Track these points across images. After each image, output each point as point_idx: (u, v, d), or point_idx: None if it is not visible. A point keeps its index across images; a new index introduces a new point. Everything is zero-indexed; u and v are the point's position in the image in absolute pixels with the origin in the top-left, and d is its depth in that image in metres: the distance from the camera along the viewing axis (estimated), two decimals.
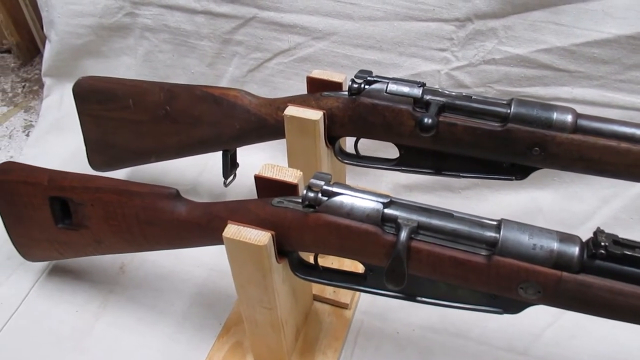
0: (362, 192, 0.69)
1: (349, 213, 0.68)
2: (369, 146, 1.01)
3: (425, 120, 0.76)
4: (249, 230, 0.69)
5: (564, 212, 1.11)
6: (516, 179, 0.84)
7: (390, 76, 0.88)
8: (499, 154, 0.81)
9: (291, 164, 0.93)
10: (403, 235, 0.64)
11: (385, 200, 0.67)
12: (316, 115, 0.84)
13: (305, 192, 0.70)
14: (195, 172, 1.26)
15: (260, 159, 0.92)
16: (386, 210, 0.67)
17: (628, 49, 0.94)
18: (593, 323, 0.68)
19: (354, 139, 0.92)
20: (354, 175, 1.22)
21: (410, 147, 0.87)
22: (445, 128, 0.81)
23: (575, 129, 0.77)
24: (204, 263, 1.06)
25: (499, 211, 1.14)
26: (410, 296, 0.72)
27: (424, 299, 0.72)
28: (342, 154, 0.94)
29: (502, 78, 1.04)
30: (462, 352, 0.92)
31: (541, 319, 0.94)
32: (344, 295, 0.98)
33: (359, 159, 0.93)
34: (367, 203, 0.68)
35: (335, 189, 0.69)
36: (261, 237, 0.68)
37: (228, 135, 0.96)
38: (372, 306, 0.99)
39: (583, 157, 0.77)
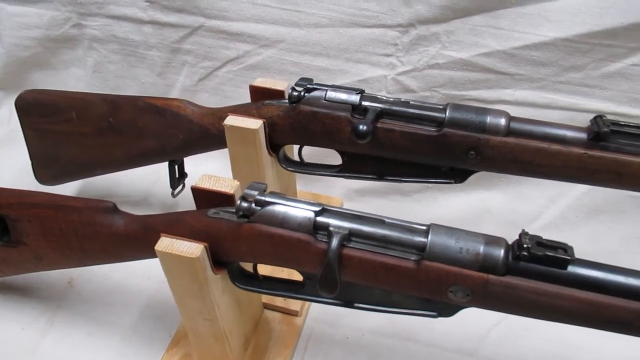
0: (295, 201, 0.69)
1: (282, 222, 0.68)
2: (316, 153, 1.02)
3: (360, 127, 0.77)
4: (181, 243, 0.69)
5: (513, 212, 1.12)
6: (455, 182, 0.85)
7: (338, 83, 0.89)
8: (436, 158, 0.82)
9: (235, 173, 0.93)
10: (334, 242, 0.64)
11: (317, 209, 0.67)
12: (256, 124, 0.85)
13: (239, 202, 0.70)
14: (149, 182, 1.25)
15: (209, 169, 0.92)
16: (318, 219, 0.67)
17: (564, 51, 0.96)
18: (539, 323, 0.68)
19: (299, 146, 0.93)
20: (307, 181, 1.22)
21: (352, 153, 0.88)
22: (383, 134, 0.82)
23: (509, 131, 0.78)
24: (154, 275, 1.04)
25: (449, 213, 1.16)
26: (347, 303, 0.73)
27: (361, 306, 0.72)
28: (286, 162, 0.94)
29: (446, 82, 1.05)
30: (410, 355, 0.92)
31: (488, 320, 0.95)
32: (294, 302, 0.98)
33: (303, 167, 0.94)
34: (299, 212, 0.68)
35: (268, 199, 0.69)
36: (194, 249, 0.68)
37: (172, 145, 0.96)
38: (323, 313, 0.99)
39: (517, 160, 0.78)
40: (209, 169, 0.90)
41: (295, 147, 0.96)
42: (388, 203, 1.19)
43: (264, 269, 0.85)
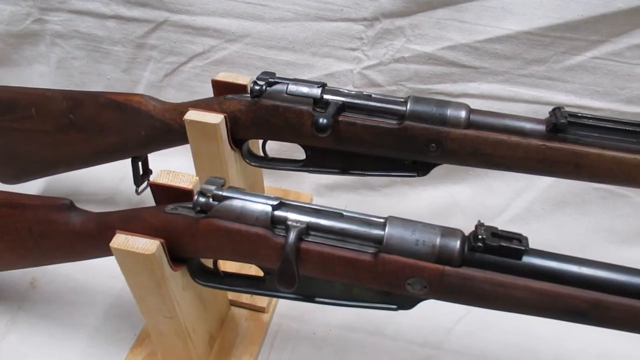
0: (253, 196, 0.68)
1: (239, 217, 0.67)
2: (284, 148, 1.01)
3: (320, 120, 0.76)
4: (137, 240, 0.67)
5: (480, 205, 1.13)
6: (418, 175, 0.85)
7: (305, 77, 0.88)
8: (398, 151, 0.82)
9: (198, 169, 0.91)
10: (291, 236, 0.64)
11: (274, 203, 0.67)
12: (217, 118, 0.83)
13: (196, 197, 0.69)
14: (115, 180, 1.23)
15: (175, 165, 0.90)
16: (276, 213, 0.66)
17: (527, 44, 0.97)
18: (504, 315, 0.68)
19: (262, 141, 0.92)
20: (277, 177, 1.21)
21: (315, 147, 0.87)
22: (345, 127, 0.82)
23: (469, 124, 0.78)
24: (119, 274, 1.03)
25: (418, 208, 1.16)
26: (308, 297, 0.72)
27: (322, 300, 0.72)
28: (250, 157, 0.93)
29: (412, 76, 1.05)
30: (377, 349, 0.92)
31: (454, 313, 0.95)
32: (260, 299, 0.97)
33: (267, 162, 0.93)
34: (257, 206, 0.67)
35: (226, 193, 0.68)
36: (149, 245, 0.67)
37: (135, 142, 0.94)
38: (290, 309, 0.98)
39: (477, 152, 0.79)
40: (174, 165, 0.88)
41: (261, 142, 0.95)
42: (357, 198, 1.19)
43: (230, 265, 0.85)
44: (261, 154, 0.96)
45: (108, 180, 1.22)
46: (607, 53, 0.95)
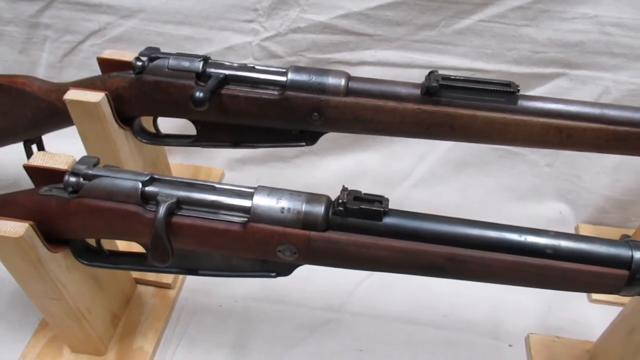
0: (123, 173, 0.68)
1: (110, 194, 0.66)
2: (179, 123, 1.00)
3: (197, 94, 0.75)
4: (4, 223, 0.66)
5: (387, 171, 1.15)
6: (307, 145, 0.86)
7: (204, 52, 0.86)
8: (283, 121, 0.82)
9: (88, 150, 0.90)
10: (161, 211, 0.64)
11: (144, 179, 0.66)
12: (97, 97, 0.82)
13: (67, 177, 0.68)
14: (19, 165, 1.19)
15: (73, 148, 0.89)
16: (146, 189, 0.66)
17: (416, 9, 0.98)
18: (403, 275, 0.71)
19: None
20: (188, 154, 1.21)
21: (204, 122, 0.87)
22: (229, 100, 0.82)
23: (348, 91, 0.79)
24: None
25: (328, 176, 1.17)
26: (190, 270, 0.73)
27: (204, 272, 0.73)
28: (142, 134, 0.92)
29: (310, 46, 1.05)
30: (281, 317, 0.94)
31: (356, 276, 0.98)
32: (166, 276, 0.97)
33: (159, 138, 0.92)
34: (126, 183, 0.66)
35: (95, 172, 0.67)
36: (17, 228, 0.66)
37: (23, 124, 0.92)
38: (197, 283, 0.99)
39: (358, 119, 0.80)
40: (73, 148, 0.87)
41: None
42: (268, 170, 1.20)
43: (121, 243, 0.85)
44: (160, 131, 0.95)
45: (12, 166, 1.19)
46: (492, 15, 0.97)
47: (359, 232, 0.63)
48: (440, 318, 0.94)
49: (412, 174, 1.14)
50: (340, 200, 0.62)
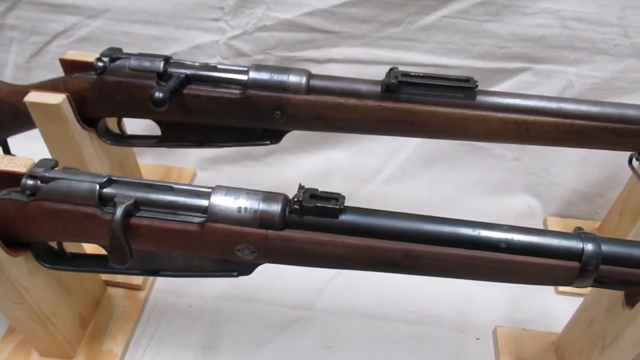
0: (81, 175, 0.67)
1: (67, 197, 0.66)
2: (146, 124, 1.00)
3: (156, 94, 0.75)
4: None
5: (358, 168, 1.16)
6: (272, 143, 0.86)
7: (172, 51, 0.86)
8: (246, 120, 0.82)
9: (52, 152, 0.89)
10: (117, 213, 0.64)
11: (102, 180, 0.66)
12: (57, 99, 0.81)
13: (24, 180, 0.68)
14: None
15: (41, 150, 0.88)
16: (104, 190, 0.66)
17: (381, 6, 0.98)
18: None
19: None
20: (159, 154, 1.20)
21: (168, 122, 0.87)
22: (191, 100, 0.81)
23: (309, 89, 0.79)
24: None
25: (300, 174, 1.18)
26: (152, 272, 0.73)
27: (166, 273, 0.73)
28: (107, 135, 0.91)
29: (277, 44, 1.06)
30: (251, 316, 0.94)
31: (326, 274, 0.99)
32: (135, 277, 0.97)
33: (124, 139, 0.92)
34: (83, 185, 0.66)
35: (52, 175, 0.67)
36: None
37: None
38: (168, 284, 0.99)
39: (320, 116, 0.80)
40: (43, 150, 0.87)
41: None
42: (240, 169, 1.20)
43: (92, 245, 0.84)
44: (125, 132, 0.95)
45: None
46: (456, 11, 0.97)
47: (315, 230, 0.63)
48: (409, 313, 0.95)
49: (383, 170, 1.15)
50: (296, 199, 0.63)
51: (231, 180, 1.18)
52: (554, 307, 0.97)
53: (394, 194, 1.14)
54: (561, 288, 0.98)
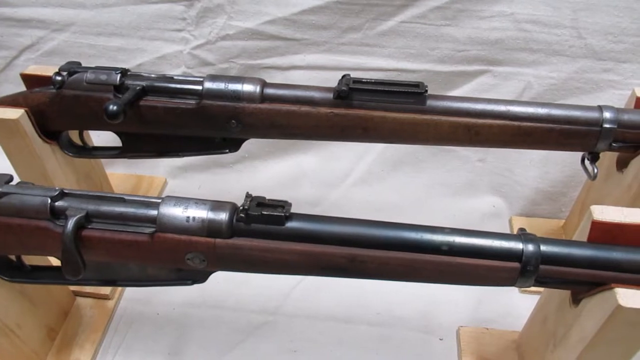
0: (33, 189, 0.68)
1: (19, 211, 0.67)
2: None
3: (110, 107, 0.76)
4: None
5: (326, 172, 1.17)
6: (230, 151, 0.88)
7: (137, 62, 0.88)
8: (203, 130, 0.84)
9: (15, 167, 0.90)
10: (68, 225, 0.65)
11: (54, 194, 0.67)
12: (16, 114, 0.82)
13: None
14: None
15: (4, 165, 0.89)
16: (56, 204, 0.67)
17: (339, 13, 1.00)
18: None
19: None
20: (130, 164, 1.22)
21: (128, 133, 0.88)
22: (148, 111, 0.83)
23: (263, 98, 0.81)
24: None
25: (269, 180, 1.19)
26: (109, 282, 0.74)
27: (122, 283, 0.74)
28: (69, 148, 0.92)
29: (240, 52, 1.07)
30: (217, 322, 0.95)
31: (292, 279, 1.00)
32: (103, 287, 0.98)
33: (86, 151, 0.93)
34: (35, 199, 0.67)
35: (5, 190, 0.68)
36: None
37: None
38: (136, 292, 1.00)
39: (274, 124, 0.81)
40: (4, 165, 0.88)
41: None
42: (210, 177, 1.21)
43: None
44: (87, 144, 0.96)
45: None
46: (413, 16, 0.99)
47: (262, 237, 0.65)
48: (374, 315, 0.96)
49: (351, 174, 1.16)
50: (242, 207, 0.64)
51: (201, 188, 1.19)
52: (518, 306, 0.98)
53: (363, 198, 1.15)
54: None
